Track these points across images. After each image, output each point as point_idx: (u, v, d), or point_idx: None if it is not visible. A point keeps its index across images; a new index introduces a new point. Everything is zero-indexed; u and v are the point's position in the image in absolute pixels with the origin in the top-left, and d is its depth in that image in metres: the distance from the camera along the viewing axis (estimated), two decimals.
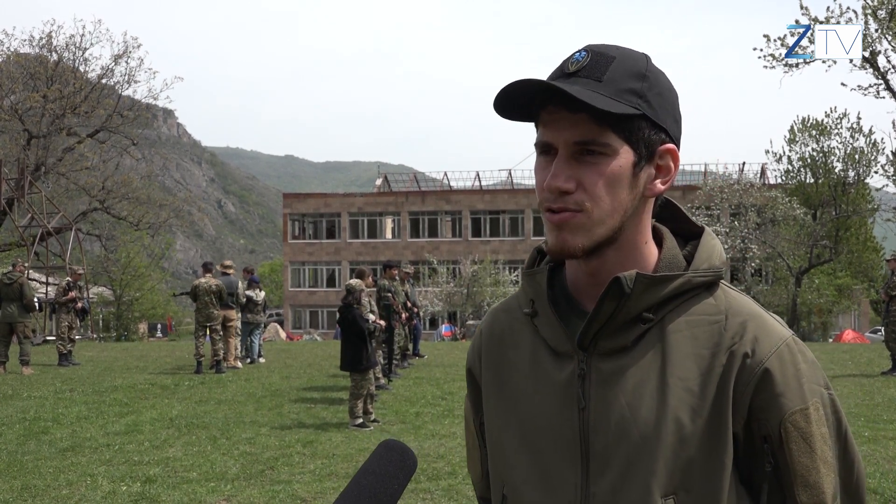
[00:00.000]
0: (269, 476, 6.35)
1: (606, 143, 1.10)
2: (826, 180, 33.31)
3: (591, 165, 1.11)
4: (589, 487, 1.14)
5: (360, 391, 8.41)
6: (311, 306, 54.71)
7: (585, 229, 1.12)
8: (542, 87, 1.09)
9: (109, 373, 13.76)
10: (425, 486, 5.90)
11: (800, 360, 1.14)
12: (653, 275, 1.14)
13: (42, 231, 25.53)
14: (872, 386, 11.18)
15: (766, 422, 1.11)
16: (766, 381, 1.11)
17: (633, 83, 1.11)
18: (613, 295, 1.12)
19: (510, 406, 1.25)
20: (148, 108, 34.30)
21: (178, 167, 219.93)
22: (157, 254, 48.16)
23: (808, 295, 35.23)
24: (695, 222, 1.24)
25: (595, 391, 1.15)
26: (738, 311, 1.15)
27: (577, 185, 1.11)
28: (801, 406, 1.11)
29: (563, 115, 1.10)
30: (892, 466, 6.37)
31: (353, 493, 1.00)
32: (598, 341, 1.16)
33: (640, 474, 1.11)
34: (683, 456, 1.10)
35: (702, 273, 1.16)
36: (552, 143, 1.12)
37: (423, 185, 61.63)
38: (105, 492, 5.85)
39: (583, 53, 1.13)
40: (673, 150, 1.16)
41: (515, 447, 1.23)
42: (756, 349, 1.12)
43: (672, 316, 1.15)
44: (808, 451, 1.11)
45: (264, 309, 15.94)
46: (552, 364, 1.20)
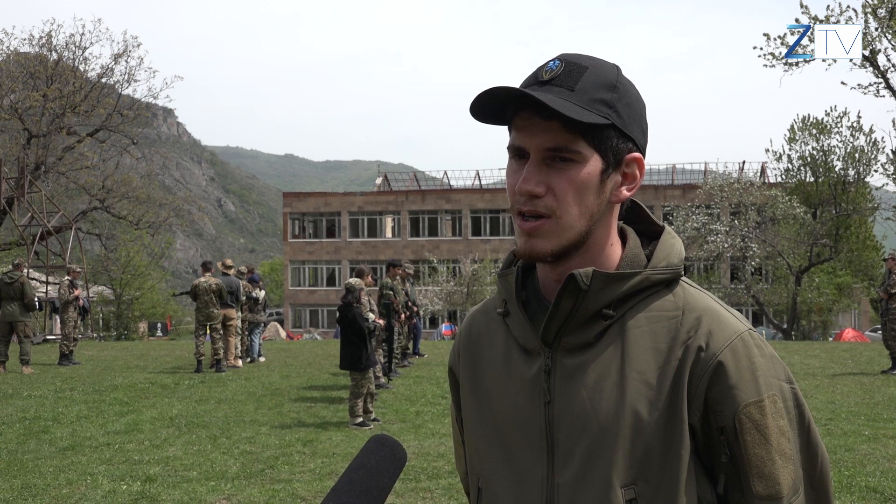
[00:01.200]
0: (270, 475, 6.35)
1: (577, 151, 1.14)
2: (826, 179, 33.30)
3: (562, 171, 1.15)
4: (554, 479, 1.19)
5: (360, 390, 8.41)
6: (311, 305, 54.71)
7: (554, 235, 1.17)
8: (517, 95, 1.13)
9: (109, 372, 13.76)
10: (425, 484, 5.91)
11: (755, 353, 1.17)
12: (609, 272, 1.17)
13: (42, 230, 25.51)
14: (872, 384, 11.18)
15: (721, 414, 1.14)
16: (720, 373, 1.14)
17: (604, 94, 1.15)
18: (570, 292, 1.17)
19: (484, 402, 1.30)
20: (148, 108, 34.29)
21: (178, 166, 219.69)
22: (157, 253, 48.12)
23: (808, 294, 35.21)
24: (657, 222, 1.28)
25: (559, 385, 1.20)
26: (694, 306, 1.19)
27: (548, 190, 1.15)
28: (755, 398, 1.14)
29: (536, 121, 1.14)
30: (892, 465, 6.37)
31: (344, 488, 1.01)
32: (563, 337, 1.20)
33: (600, 465, 1.15)
34: (641, 447, 1.14)
35: (660, 271, 1.21)
36: (525, 147, 1.16)
37: (424, 184, 61.62)
38: (105, 491, 5.85)
39: (556, 62, 1.17)
40: (639, 159, 1.21)
41: (488, 442, 1.28)
42: (710, 342, 1.15)
43: (632, 312, 1.19)
44: (762, 443, 1.14)
45: (264, 308, 15.94)
46: (522, 361, 1.25)
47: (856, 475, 5.98)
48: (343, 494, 1.00)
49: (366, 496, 1.00)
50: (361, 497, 1.00)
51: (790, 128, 34.49)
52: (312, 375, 13.15)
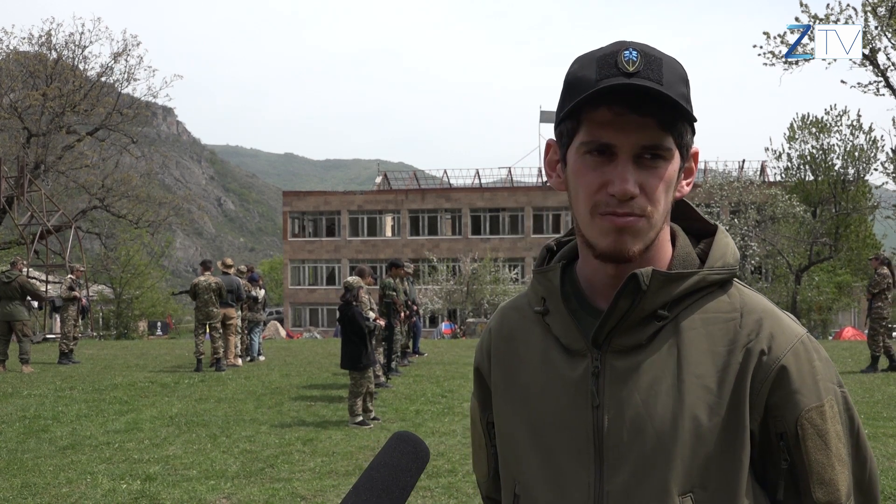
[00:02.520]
0: (269, 474, 6.35)
1: (668, 148, 1.11)
2: (826, 178, 33.28)
3: (653, 170, 1.11)
4: (603, 486, 1.14)
5: (359, 389, 8.42)
6: (310, 304, 54.70)
7: (644, 234, 1.12)
8: (640, 91, 1.06)
9: (109, 371, 13.76)
10: (425, 483, 5.91)
11: (815, 357, 1.14)
12: (669, 272, 1.14)
13: (42, 229, 25.49)
14: (872, 383, 11.18)
15: (783, 419, 1.12)
16: (783, 378, 1.11)
17: (684, 88, 1.12)
18: (630, 292, 1.13)
19: (521, 404, 1.25)
20: (147, 106, 34.28)
21: (178, 165, 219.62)
22: (157, 252, 48.10)
23: (808, 292, 35.21)
24: (707, 220, 1.25)
25: (609, 389, 1.15)
26: (753, 308, 1.16)
27: (640, 190, 1.10)
28: (816, 403, 1.12)
29: (630, 117, 1.08)
30: (892, 464, 6.38)
31: (365, 486, 0.99)
32: (613, 339, 1.16)
33: (656, 472, 1.11)
34: (701, 453, 1.10)
35: (717, 271, 1.17)
36: (615, 144, 1.10)
37: (423, 183, 61.59)
38: (105, 490, 5.85)
39: (634, 53, 1.10)
40: (697, 153, 1.19)
41: (527, 446, 1.22)
42: (772, 346, 1.12)
43: (687, 313, 1.16)
44: (823, 448, 1.11)
45: (264, 307, 15.93)
46: (564, 362, 1.20)
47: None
48: (364, 492, 0.98)
49: (387, 495, 0.99)
50: (382, 495, 0.98)
51: (790, 126, 34.47)
52: (312, 374, 13.15)
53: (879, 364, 12.39)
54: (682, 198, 1.23)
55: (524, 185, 55.76)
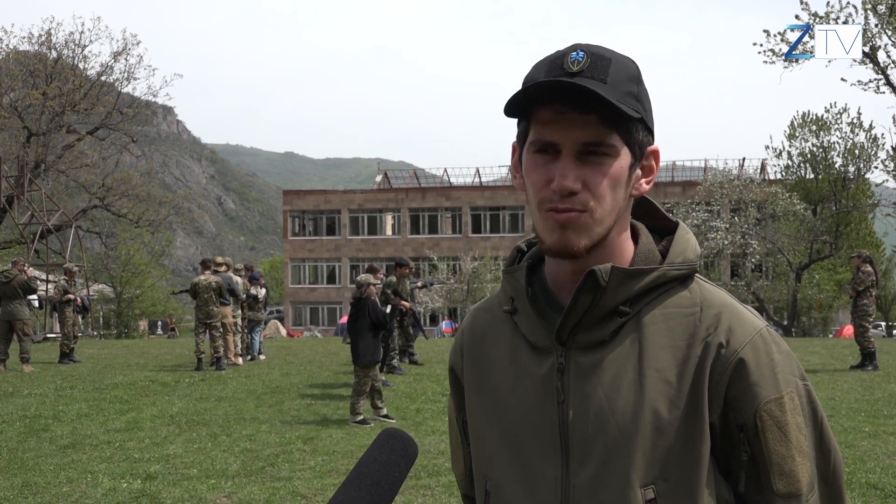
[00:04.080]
0: (270, 473, 6.35)
1: (612, 145, 1.13)
2: (826, 176, 33.27)
3: (596, 166, 1.13)
4: (569, 480, 1.16)
5: (362, 387, 8.41)
6: (311, 303, 54.72)
7: (588, 229, 1.14)
8: (573, 88, 1.09)
9: (110, 370, 13.77)
10: (426, 482, 5.91)
11: (773, 350, 1.16)
12: (628, 268, 1.16)
13: (42, 228, 25.51)
14: (873, 381, 11.18)
15: (742, 411, 1.13)
16: (741, 370, 1.13)
17: (632, 86, 1.14)
18: (589, 288, 1.15)
19: (491, 402, 1.27)
20: (147, 106, 34.33)
21: (178, 164, 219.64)
22: (158, 251, 48.15)
23: (809, 290, 35.20)
24: (670, 218, 1.26)
25: (573, 384, 1.18)
26: (713, 302, 1.18)
27: (583, 186, 1.13)
28: (775, 395, 1.13)
29: (571, 115, 1.11)
30: (893, 462, 6.37)
31: (354, 482, 1.00)
32: (577, 335, 1.18)
33: (618, 465, 1.13)
34: (661, 446, 1.12)
35: (677, 266, 1.19)
36: (557, 142, 1.13)
37: (424, 182, 61.58)
38: (105, 489, 5.85)
39: (580, 53, 1.13)
40: (657, 152, 1.21)
41: (497, 443, 1.25)
42: (730, 339, 1.14)
43: (648, 309, 1.17)
44: (783, 440, 1.13)
45: (265, 306, 15.92)
46: (532, 359, 1.22)
47: (856, 472, 5.98)
48: (353, 488, 0.99)
49: (376, 490, 1.00)
50: (372, 491, 1.00)
51: (790, 124, 34.47)
52: (313, 373, 13.15)
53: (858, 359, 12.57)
54: (645, 196, 1.25)
55: None
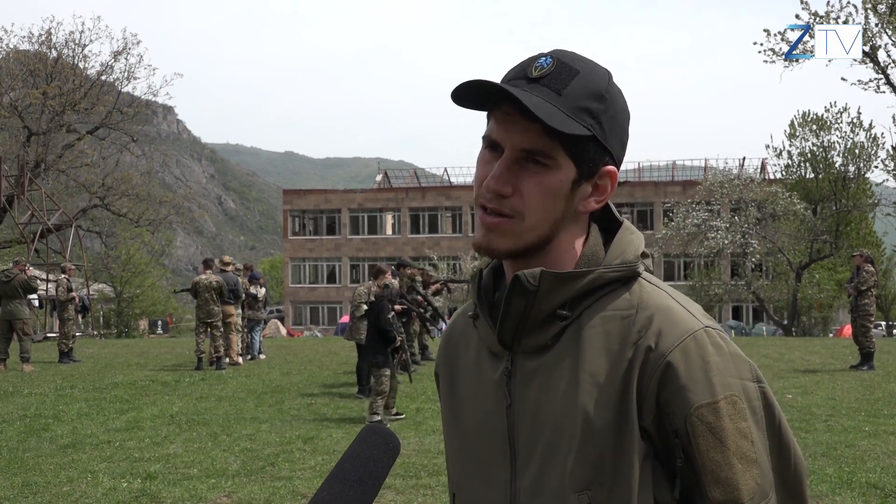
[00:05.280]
0: (270, 472, 6.35)
1: (552, 157, 1.11)
2: (826, 175, 33.29)
3: (533, 174, 1.12)
4: (516, 483, 1.17)
5: (379, 388, 8.49)
6: (311, 303, 54.72)
7: (514, 235, 1.14)
8: (500, 92, 1.09)
9: (110, 369, 13.77)
10: (426, 481, 5.91)
11: (710, 352, 1.10)
12: (558, 272, 1.14)
13: (42, 228, 25.51)
14: (873, 380, 11.18)
15: (674, 416, 1.09)
16: (670, 374, 1.09)
17: (591, 103, 1.11)
18: (519, 293, 1.14)
19: (459, 406, 1.29)
20: (147, 105, 34.34)
21: (178, 164, 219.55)
22: (158, 250, 48.18)
23: (809, 290, 35.19)
24: (617, 217, 1.24)
25: (518, 389, 1.18)
26: (648, 304, 1.14)
27: (515, 191, 1.12)
28: (708, 400, 1.08)
29: (516, 119, 1.10)
30: (893, 461, 6.37)
31: (338, 477, 1.01)
32: (521, 340, 1.18)
33: (555, 470, 1.13)
34: (593, 451, 1.10)
35: (614, 268, 1.16)
36: (500, 142, 1.13)
37: (424, 182, 61.58)
38: (106, 488, 5.85)
39: (549, 60, 1.12)
40: (613, 173, 1.17)
41: (459, 445, 1.27)
42: (659, 342, 1.10)
43: (589, 312, 1.16)
44: (718, 447, 1.08)
45: (265, 305, 15.92)
46: (489, 364, 1.24)
47: (856, 471, 5.97)
48: (337, 484, 1.00)
49: (359, 485, 1.00)
50: (355, 486, 1.00)
51: (790, 123, 34.47)
52: (313, 373, 13.16)
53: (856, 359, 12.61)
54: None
55: None
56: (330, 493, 0.99)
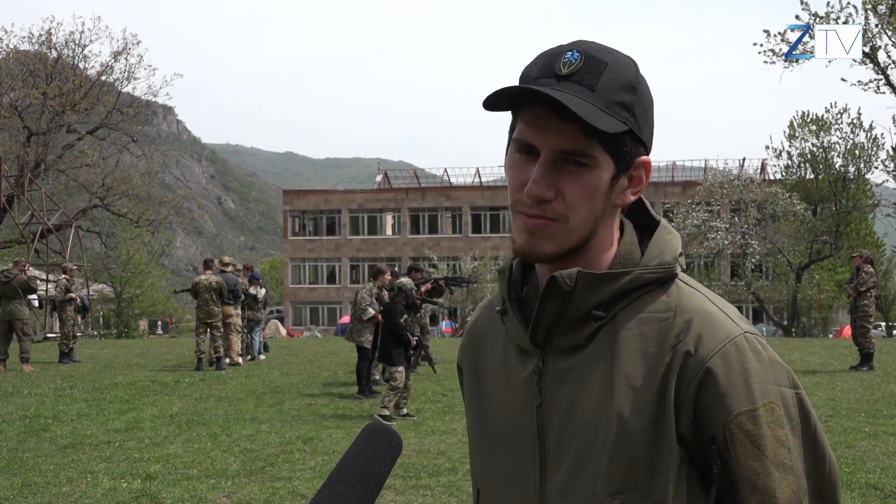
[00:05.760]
0: (270, 473, 6.35)
1: (592, 156, 1.09)
2: (826, 176, 33.30)
3: (573, 175, 1.09)
4: (545, 484, 1.16)
5: (394, 384, 8.63)
6: (311, 303, 54.73)
7: (559, 238, 1.12)
8: (541, 97, 1.06)
9: (110, 370, 13.77)
10: (426, 482, 5.91)
11: (749, 358, 1.09)
12: (595, 272, 1.12)
13: (42, 228, 25.51)
14: (873, 381, 11.18)
15: (712, 423, 1.08)
16: (709, 380, 1.08)
17: (624, 96, 1.09)
18: (554, 293, 1.12)
19: (485, 402, 1.27)
20: (147, 105, 34.34)
21: (178, 164, 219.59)
22: (158, 251, 48.17)
23: (809, 290, 35.19)
24: (654, 216, 1.22)
25: (549, 388, 1.16)
26: (686, 307, 1.12)
27: (556, 194, 1.09)
28: (747, 407, 1.07)
29: (552, 120, 1.07)
30: (893, 462, 6.37)
31: (339, 476, 1.00)
32: (554, 339, 1.16)
33: (587, 472, 1.11)
34: (628, 455, 1.09)
35: (651, 269, 1.14)
36: (536, 146, 1.10)
37: (424, 182, 61.59)
38: (105, 489, 5.85)
39: (575, 54, 1.09)
40: (647, 163, 1.16)
41: (486, 443, 1.26)
42: (699, 348, 1.09)
43: (625, 313, 1.14)
44: (756, 455, 1.07)
45: (265, 305, 15.90)
46: (518, 361, 1.22)
47: (856, 472, 5.98)
48: (339, 483, 0.99)
49: (362, 484, 0.99)
50: (357, 485, 0.99)
51: (789, 124, 34.48)
52: (313, 373, 13.16)
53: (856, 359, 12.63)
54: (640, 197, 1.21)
55: None
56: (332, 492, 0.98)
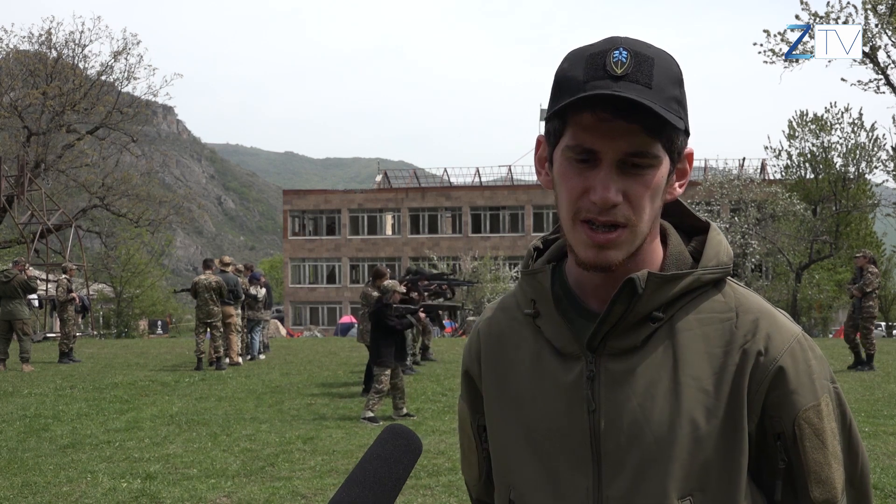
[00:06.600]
0: (270, 472, 6.35)
1: (655, 155, 1.07)
2: (826, 176, 33.28)
3: (637, 177, 1.07)
4: (602, 491, 1.13)
5: (378, 386, 8.60)
6: (311, 303, 54.73)
7: (628, 243, 1.10)
8: (614, 100, 1.03)
9: (110, 370, 13.77)
10: (426, 482, 5.91)
11: (810, 356, 1.14)
12: (664, 273, 1.12)
13: (42, 228, 25.51)
14: (873, 381, 11.19)
15: (780, 419, 1.11)
16: (780, 378, 1.11)
17: (675, 90, 1.08)
18: (626, 296, 1.11)
19: (513, 408, 1.23)
20: (147, 105, 34.30)
21: (178, 164, 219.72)
22: (157, 251, 48.13)
23: (808, 290, 35.18)
24: (698, 217, 1.22)
25: (605, 393, 1.14)
26: (749, 308, 1.14)
27: (623, 198, 1.07)
28: (813, 402, 1.12)
29: (616, 123, 1.04)
30: (893, 462, 6.38)
31: (357, 479, 0.99)
32: (607, 342, 1.14)
33: (655, 476, 1.10)
34: (699, 457, 1.09)
35: (711, 270, 1.15)
36: (598, 150, 1.06)
37: (423, 182, 61.60)
38: (105, 488, 5.85)
39: (624, 53, 1.06)
40: (691, 154, 1.16)
41: (521, 451, 1.21)
42: (769, 347, 1.11)
43: (681, 314, 1.14)
44: (820, 448, 1.11)
45: (266, 306, 15.83)
46: (557, 365, 1.18)
47: None
48: (356, 486, 0.98)
49: (380, 487, 0.98)
50: (375, 488, 0.98)
51: (788, 124, 34.46)
52: (312, 373, 13.16)
53: (853, 360, 12.67)
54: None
55: (524, 183, 55.77)
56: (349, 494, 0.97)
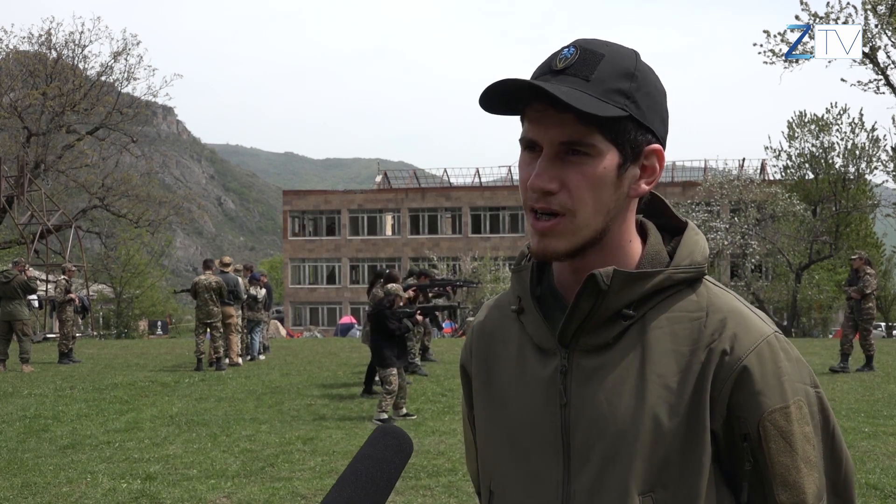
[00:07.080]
0: (270, 473, 6.35)
1: (592, 144, 1.09)
2: (826, 176, 33.28)
3: (576, 166, 1.10)
4: (570, 484, 1.15)
5: (388, 387, 8.63)
6: (311, 303, 54.72)
7: (569, 233, 1.12)
8: (527, 87, 1.08)
9: (110, 370, 13.77)
10: (426, 482, 5.91)
11: (781, 357, 1.12)
12: (630, 271, 1.13)
13: (42, 228, 25.51)
14: (872, 381, 11.19)
15: (745, 420, 1.11)
16: (745, 378, 1.10)
17: (621, 83, 1.10)
18: (590, 292, 1.13)
19: (497, 402, 1.26)
20: (147, 106, 34.30)
21: (178, 164, 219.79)
22: (157, 251, 48.12)
23: (808, 291, 35.17)
24: (678, 217, 1.23)
25: (576, 387, 1.16)
26: (719, 307, 1.15)
27: (561, 186, 1.10)
28: (780, 405, 1.10)
29: (549, 113, 1.09)
30: (892, 462, 6.37)
31: (349, 479, 0.99)
32: (580, 338, 1.16)
33: (617, 471, 1.11)
34: (660, 453, 1.10)
35: (683, 269, 1.16)
36: (537, 140, 1.11)
37: (423, 182, 61.60)
38: (105, 489, 5.85)
39: (571, 50, 1.11)
40: (658, 151, 1.15)
41: (501, 443, 1.24)
42: (735, 346, 1.11)
43: (654, 313, 1.15)
44: (788, 451, 1.10)
45: (266, 306, 15.81)
46: (537, 360, 1.21)
47: (856, 472, 5.97)
48: (348, 486, 0.98)
49: (371, 486, 0.99)
50: (367, 488, 0.98)
51: (788, 124, 34.46)
52: (312, 373, 13.15)
53: (849, 362, 12.58)
54: (655, 194, 1.22)
55: None
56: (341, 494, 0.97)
